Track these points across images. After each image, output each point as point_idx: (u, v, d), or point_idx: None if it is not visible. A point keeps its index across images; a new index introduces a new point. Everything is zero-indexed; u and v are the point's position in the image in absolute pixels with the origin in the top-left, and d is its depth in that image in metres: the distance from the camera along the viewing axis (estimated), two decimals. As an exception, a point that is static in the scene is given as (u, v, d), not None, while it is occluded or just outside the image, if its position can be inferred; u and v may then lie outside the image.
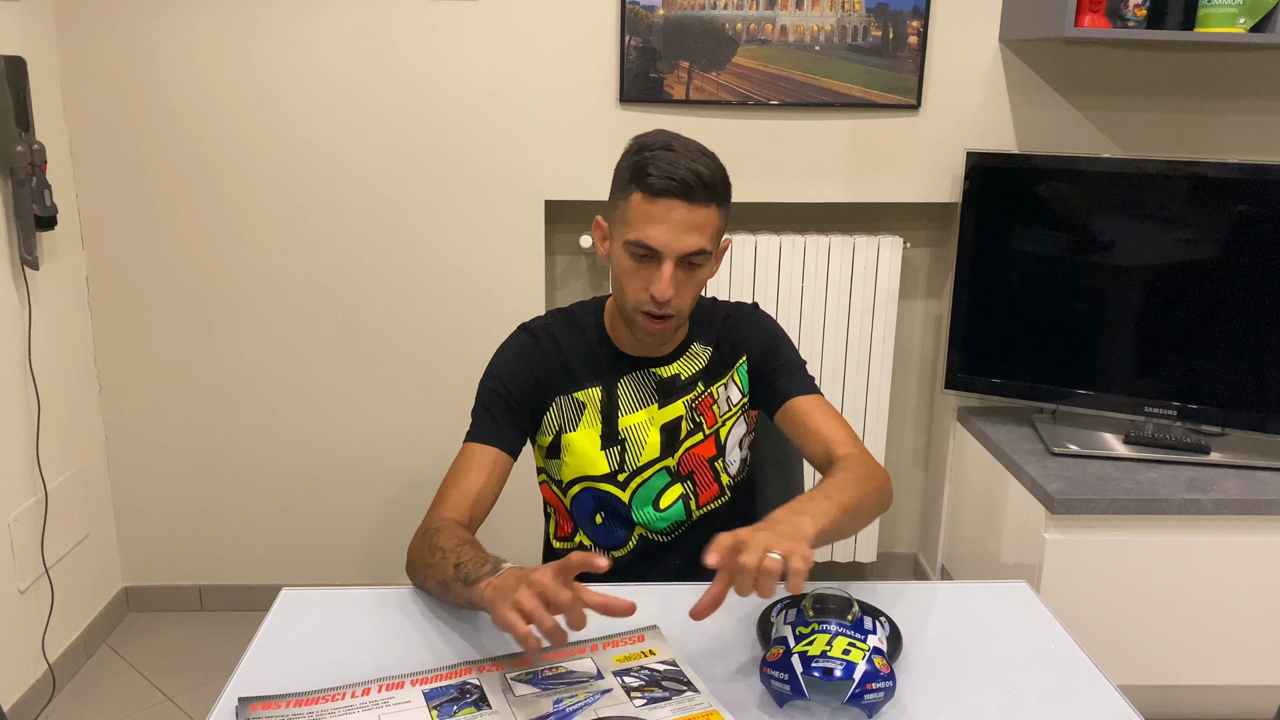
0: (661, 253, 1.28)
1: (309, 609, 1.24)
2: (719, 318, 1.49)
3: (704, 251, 1.29)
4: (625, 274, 1.32)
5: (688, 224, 1.27)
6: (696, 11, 2.29)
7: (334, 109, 2.33)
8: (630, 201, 1.29)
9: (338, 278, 2.44)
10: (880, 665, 1.02)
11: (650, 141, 1.29)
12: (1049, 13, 2.11)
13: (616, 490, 1.45)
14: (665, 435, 1.44)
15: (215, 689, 1.07)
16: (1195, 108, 2.43)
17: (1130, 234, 2.20)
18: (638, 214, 1.28)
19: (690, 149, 1.28)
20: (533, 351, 1.43)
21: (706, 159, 1.29)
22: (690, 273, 1.31)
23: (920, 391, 2.70)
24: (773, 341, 1.48)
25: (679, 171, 1.25)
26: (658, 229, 1.27)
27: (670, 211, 1.26)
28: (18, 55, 2.06)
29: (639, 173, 1.28)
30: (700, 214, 1.28)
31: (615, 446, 1.44)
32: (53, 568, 2.27)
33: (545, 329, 1.45)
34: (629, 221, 1.29)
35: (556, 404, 1.43)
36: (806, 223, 2.53)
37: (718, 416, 1.46)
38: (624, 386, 1.44)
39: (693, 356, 1.46)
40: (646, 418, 1.44)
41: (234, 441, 2.53)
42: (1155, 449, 2.23)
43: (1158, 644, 2.13)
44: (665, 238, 1.27)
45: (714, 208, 1.29)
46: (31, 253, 2.12)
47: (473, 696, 1.02)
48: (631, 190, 1.29)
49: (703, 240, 1.29)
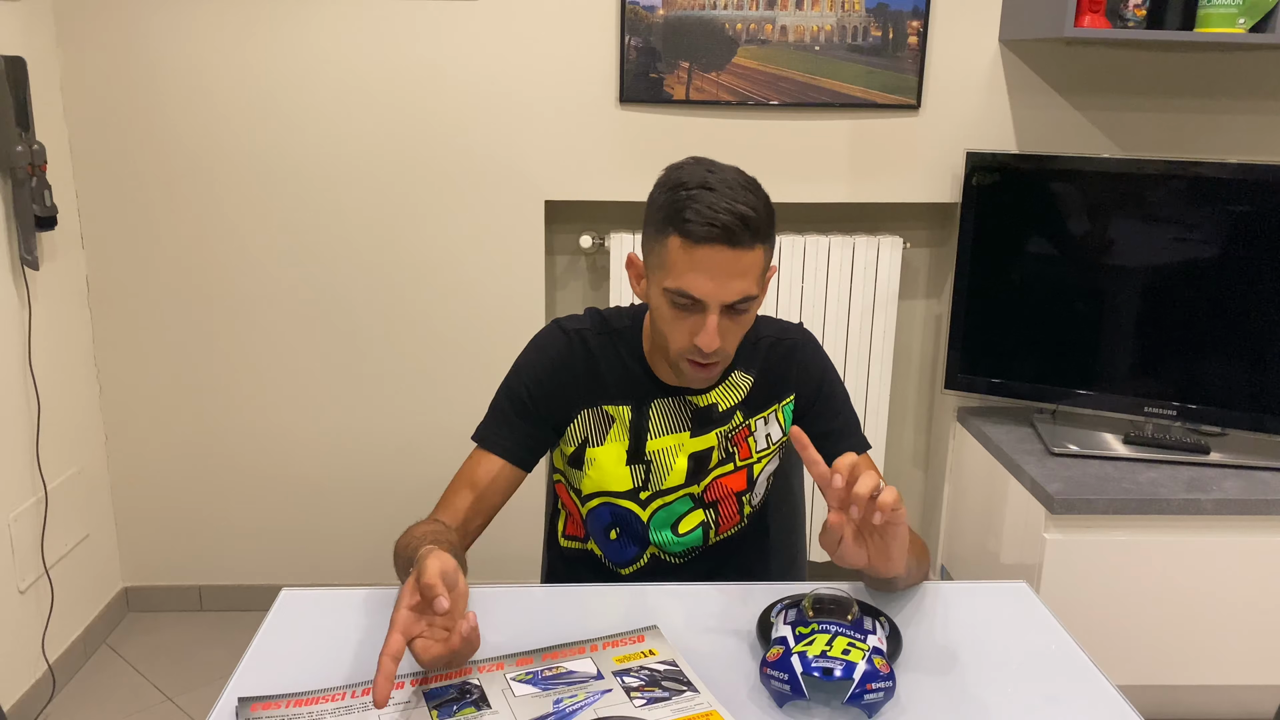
0: (706, 302, 1.19)
1: (309, 609, 1.23)
2: (764, 344, 1.39)
3: (750, 298, 1.20)
4: (666, 321, 1.24)
5: (732, 271, 1.17)
6: (696, 11, 2.29)
7: (334, 109, 2.33)
8: (668, 246, 1.19)
9: (337, 277, 2.44)
10: (880, 665, 1.02)
11: (688, 179, 1.19)
12: (1049, 13, 2.11)
13: (636, 508, 1.40)
14: (693, 463, 1.38)
15: (215, 689, 1.07)
16: (1195, 108, 2.43)
17: (1130, 234, 2.20)
18: (677, 261, 1.18)
19: (731, 184, 1.18)
20: (564, 356, 1.35)
21: (749, 194, 1.18)
22: (736, 318, 1.23)
23: (920, 391, 2.70)
24: (824, 383, 1.40)
25: (720, 216, 1.15)
26: (700, 279, 1.17)
27: (713, 259, 1.16)
28: (18, 55, 2.06)
29: (676, 216, 1.17)
30: (746, 258, 1.17)
31: (640, 465, 1.37)
32: (53, 568, 2.27)
33: (580, 335, 1.37)
34: (667, 268, 1.20)
35: (583, 415, 1.36)
36: (806, 223, 2.53)
37: (753, 451, 1.40)
38: (656, 409, 1.36)
39: (732, 386, 1.38)
40: (675, 444, 1.37)
41: (234, 441, 2.53)
42: (1155, 449, 2.23)
43: (1158, 644, 2.13)
44: (709, 288, 1.18)
45: (759, 248, 1.19)
46: (31, 253, 2.12)
47: (473, 696, 1.02)
48: (669, 233, 1.18)
49: (749, 286, 1.19)
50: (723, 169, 1.21)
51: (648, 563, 1.44)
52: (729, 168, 1.22)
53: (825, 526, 1.10)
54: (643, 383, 1.36)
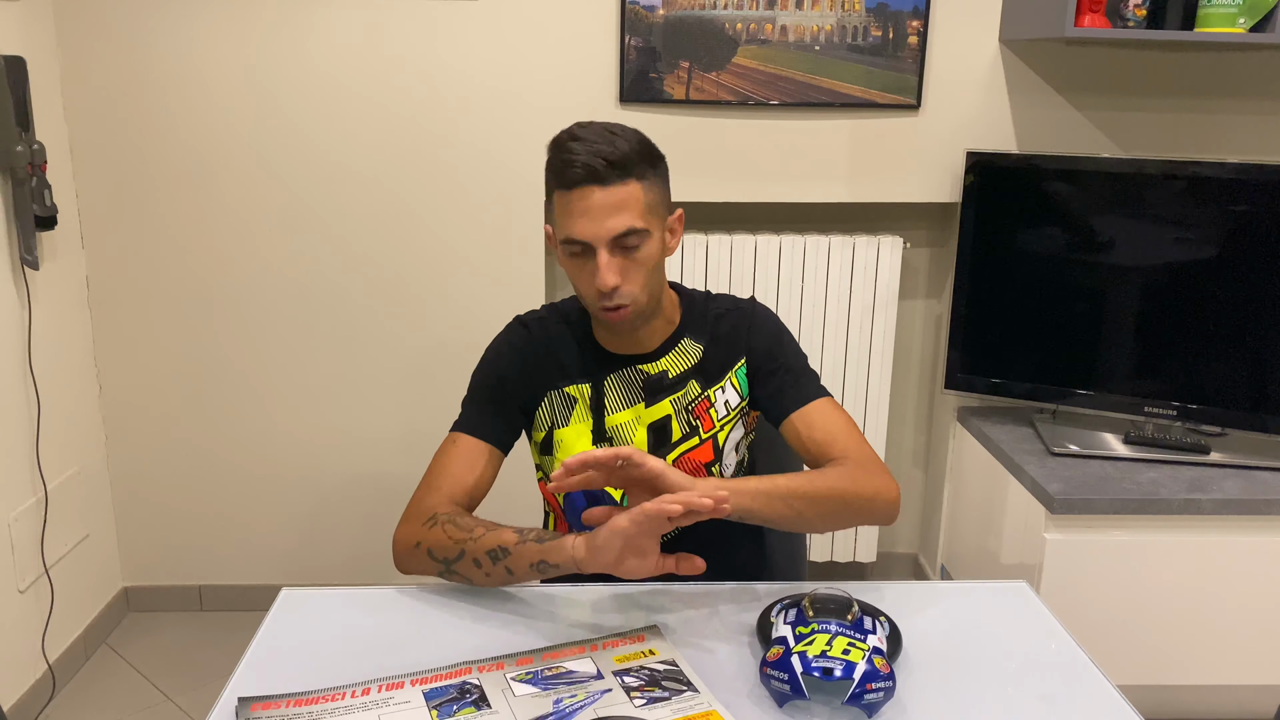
0: (591, 243, 1.25)
1: (309, 609, 1.24)
2: (712, 314, 1.44)
3: (635, 230, 1.25)
4: (571, 274, 1.31)
5: (606, 207, 1.24)
6: (696, 11, 2.29)
7: (334, 109, 2.33)
8: (554, 201, 1.28)
9: (337, 277, 2.44)
10: (880, 665, 1.02)
11: (560, 136, 1.27)
12: (1049, 13, 2.11)
13: (610, 488, 1.42)
14: (653, 435, 1.41)
15: (215, 689, 1.07)
16: (1195, 108, 2.43)
17: (1130, 234, 2.20)
18: (560, 211, 1.27)
19: (596, 131, 1.25)
20: (526, 344, 1.42)
21: (613, 135, 1.25)
22: (631, 255, 1.27)
23: (920, 391, 2.70)
24: (772, 341, 1.43)
25: (581, 158, 1.22)
26: (579, 221, 1.25)
27: (585, 200, 1.24)
28: (18, 55, 2.06)
29: (551, 170, 1.27)
30: (618, 193, 1.24)
31: (604, 442, 1.41)
32: (53, 568, 2.27)
33: (539, 322, 1.44)
34: (556, 222, 1.29)
35: (549, 399, 1.42)
36: (806, 223, 2.53)
37: (715, 421, 1.42)
38: (611, 384, 1.41)
39: (682, 352, 1.41)
40: (633, 417, 1.41)
41: (234, 441, 2.53)
42: (1155, 449, 2.23)
43: (1158, 644, 2.13)
44: (588, 227, 1.24)
45: (633, 183, 1.25)
46: (31, 253, 2.12)
47: (473, 696, 1.02)
48: (552, 190, 1.28)
49: (630, 219, 1.25)
50: (597, 124, 1.27)
51: None
52: (605, 123, 1.28)
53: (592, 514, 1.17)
54: (595, 357, 1.41)
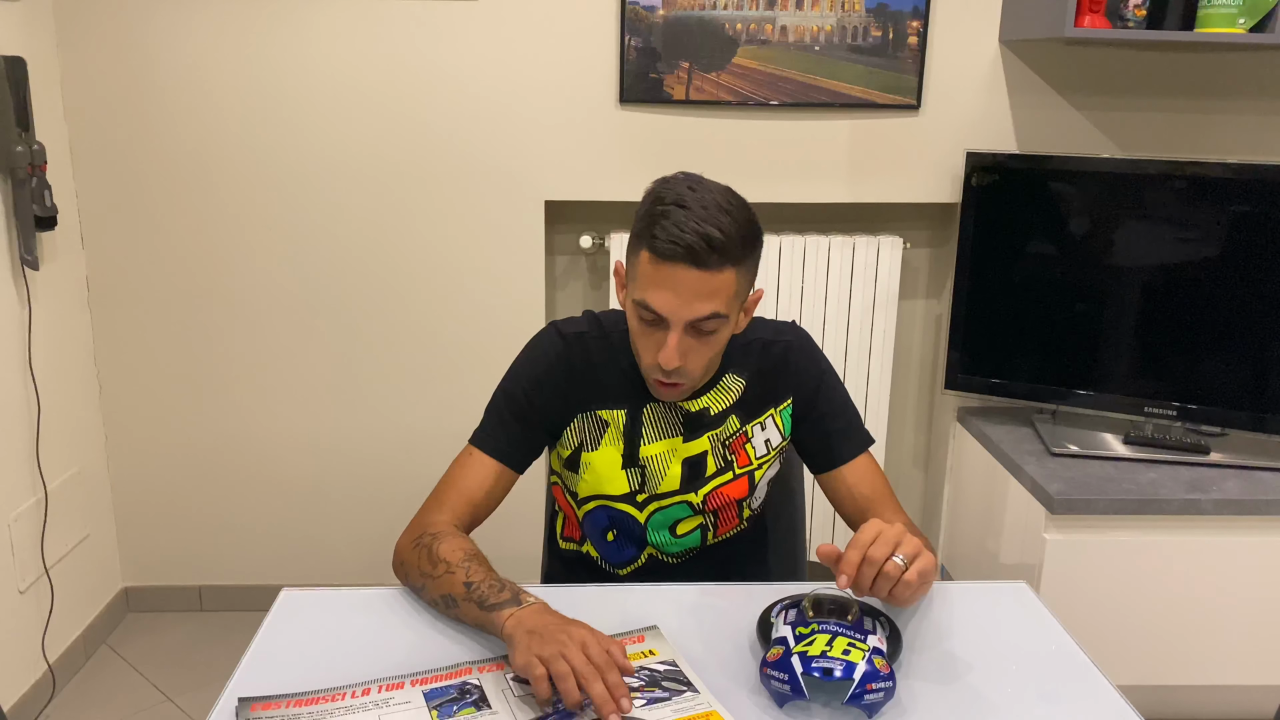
0: (668, 319, 1.19)
1: (309, 609, 1.23)
2: (757, 346, 1.38)
3: (716, 316, 1.19)
4: (635, 334, 1.25)
5: (696, 291, 1.16)
6: (696, 12, 2.29)
7: (334, 110, 2.33)
8: (640, 259, 1.20)
9: (337, 278, 2.44)
10: (880, 665, 1.02)
11: (665, 194, 1.18)
12: (1049, 13, 2.11)
13: (634, 510, 1.40)
14: (687, 468, 1.37)
15: (215, 689, 1.07)
16: (1195, 108, 2.43)
17: (1130, 234, 2.20)
18: (645, 275, 1.19)
19: (707, 204, 1.16)
20: (562, 360, 1.35)
21: (724, 216, 1.16)
22: (702, 338, 1.22)
23: (920, 391, 2.70)
24: (822, 385, 1.38)
25: (686, 236, 1.14)
26: (662, 295, 1.18)
27: (676, 277, 1.16)
28: (18, 55, 2.06)
29: (647, 230, 1.18)
30: (712, 280, 1.16)
31: (636, 469, 1.37)
32: (53, 568, 2.27)
33: (579, 337, 1.36)
34: (637, 280, 1.21)
35: (580, 419, 1.36)
36: (806, 223, 2.53)
37: (752, 458, 1.38)
38: (648, 414, 1.36)
39: (724, 389, 1.37)
40: (668, 449, 1.37)
41: (234, 441, 2.53)
42: (1155, 449, 2.23)
43: (1158, 644, 2.13)
44: (670, 305, 1.18)
45: (729, 271, 1.17)
46: (31, 253, 2.12)
47: (473, 696, 1.02)
48: (641, 247, 1.19)
49: (714, 305, 1.18)
50: (707, 187, 1.19)
51: (645, 563, 1.44)
52: (717, 186, 1.20)
53: (821, 552, 1.14)
54: (637, 387, 1.35)
